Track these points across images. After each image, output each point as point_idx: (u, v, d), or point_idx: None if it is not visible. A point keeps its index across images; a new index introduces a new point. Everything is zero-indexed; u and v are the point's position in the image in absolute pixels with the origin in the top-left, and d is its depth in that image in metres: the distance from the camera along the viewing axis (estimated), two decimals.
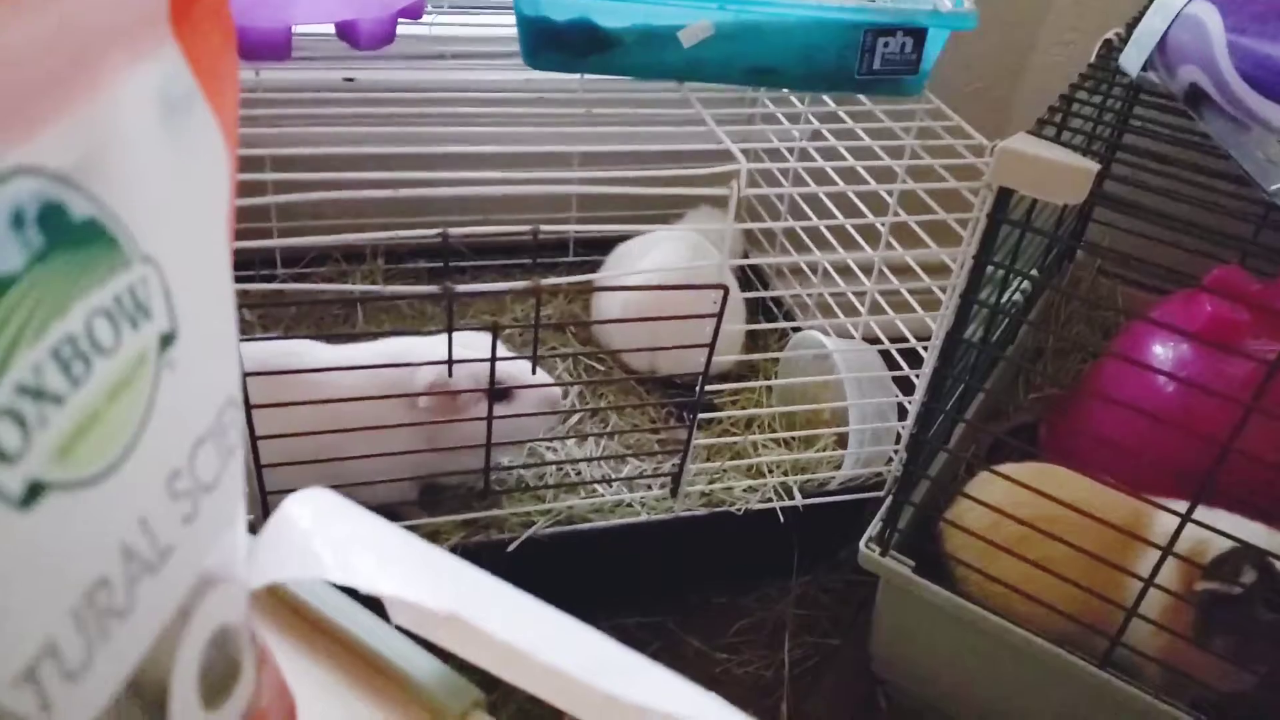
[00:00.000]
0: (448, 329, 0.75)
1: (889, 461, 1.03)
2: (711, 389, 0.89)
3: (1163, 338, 0.98)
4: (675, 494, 0.97)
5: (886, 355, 1.03)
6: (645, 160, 0.81)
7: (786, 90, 1.09)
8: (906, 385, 1.01)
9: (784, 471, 1.02)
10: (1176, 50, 0.78)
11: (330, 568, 0.26)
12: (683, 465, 0.94)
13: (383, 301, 1.21)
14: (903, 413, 1.01)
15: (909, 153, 0.91)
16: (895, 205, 0.93)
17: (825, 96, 1.03)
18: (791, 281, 1.28)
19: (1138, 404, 0.79)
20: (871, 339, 1.05)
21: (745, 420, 1.11)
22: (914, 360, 0.99)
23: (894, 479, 1.01)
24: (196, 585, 0.23)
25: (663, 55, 0.85)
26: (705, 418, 1.06)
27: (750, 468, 1.03)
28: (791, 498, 1.00)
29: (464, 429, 0.84)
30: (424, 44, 1.10)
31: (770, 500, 0.99)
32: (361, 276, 1.22)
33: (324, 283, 1.20)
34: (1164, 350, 0.97)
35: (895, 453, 1.02)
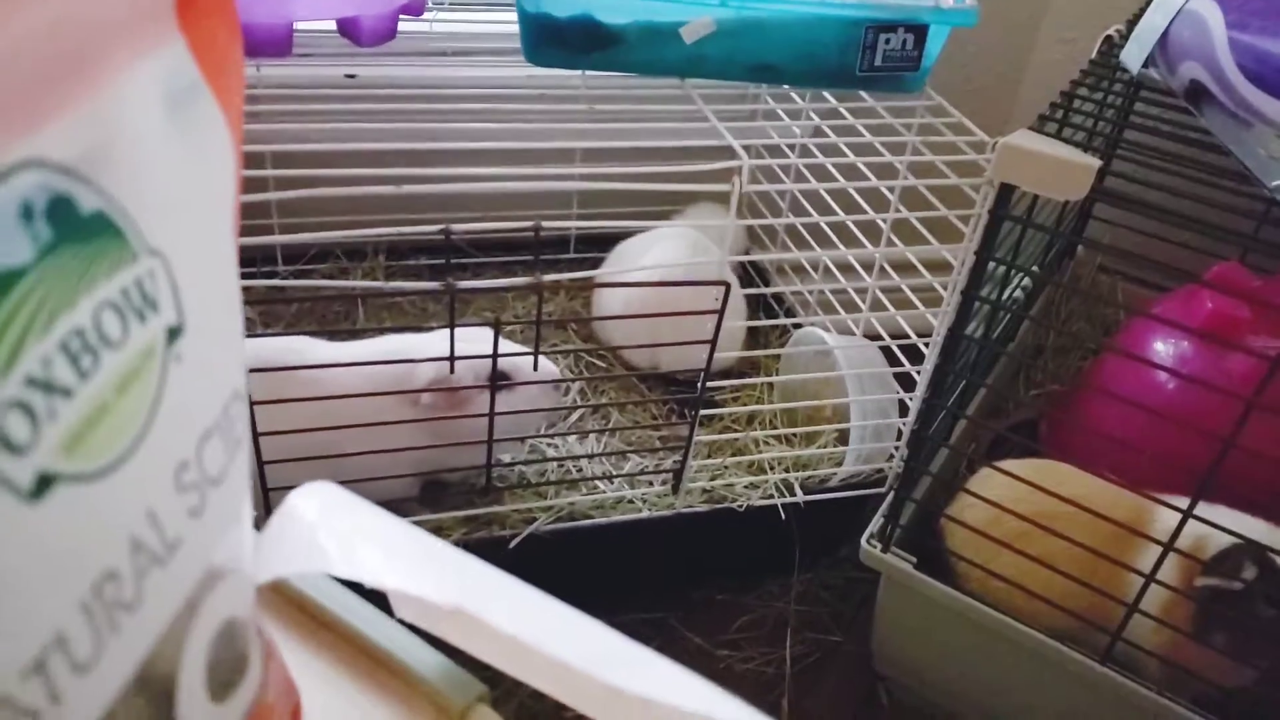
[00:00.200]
0: (449, 325, 0.75)
1: (890, 458, 1.03)
2: (713, 385, 0.89)
3: (1163, 334, 0.98)
4: (677, 490, 0.97)
5: (887, 352, 1.03)
6: (647, 157, 0.81)
7: (788, 87, 1.09)
8: (908, 382, 1.01)
9: (785, 468, 1.02)
10: (1177, 46, 0.78)
11: (336, 561, 0.27)
12: (684, 462, 0.94)
13: (384, 299, 1.21)
14: (904, 409, 1.01)
15: (910, 149, 0.91)
16: (896, 202, 0.93)
17: (826, 93, 1.03)
18: (793, 278, 1.28)
19: (1138, 400, 0.79)
20: (873, 335, 1.05)
21: (747, 417, 1.11)
22: (915, 357, 0.99)
23: (895, 475, 1.01)
24: (204, 579, 0.23)
25: (664, 51, 0.85)
26: (706, 414, 1.06)
27: (752, 464, 1.03)
28: (793, 494, 1.00)
29: (465, 425, 0.84)
30: (426, 41, 1.10)
31: (771, 497, 0.99)
32: (363, 274, 1.22)
33: (325, 280, 1.20)
34: (1164, 346, 0.97)
35: (896, 449, 1.02)
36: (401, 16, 0.96)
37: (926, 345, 0.96)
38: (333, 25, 0.98)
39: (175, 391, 0.22)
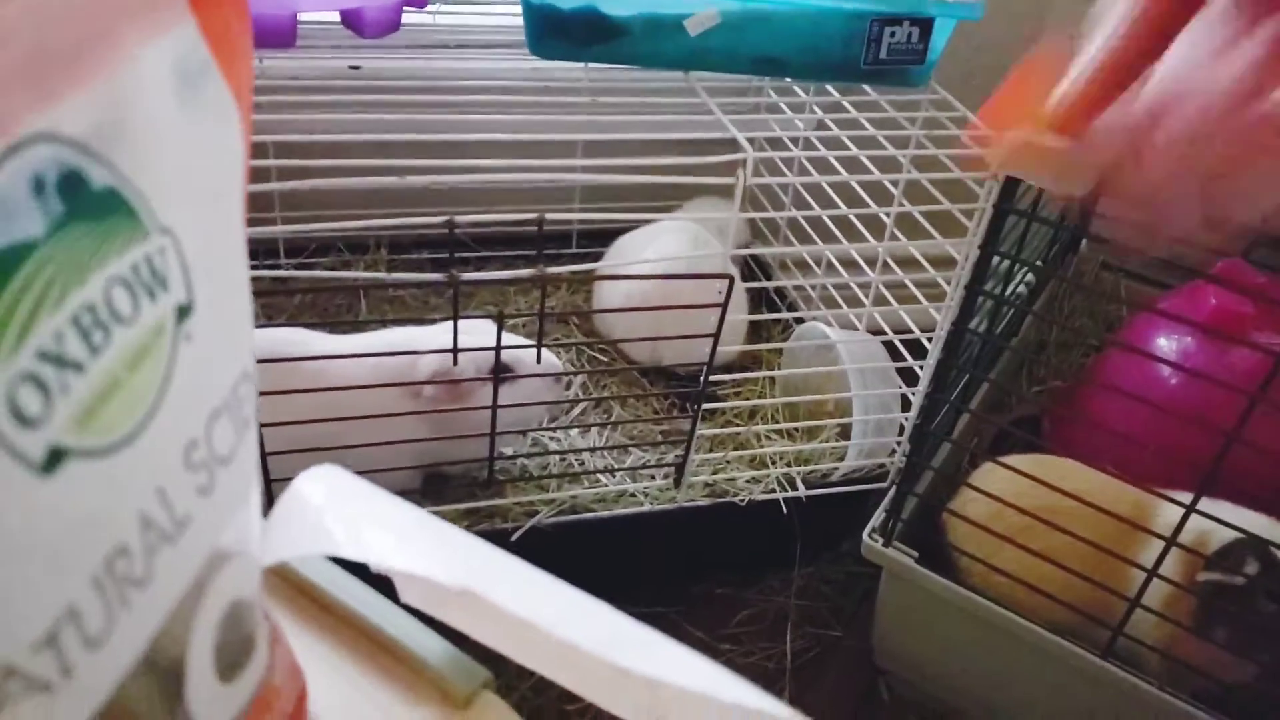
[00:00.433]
0: (453, 317, 0.75)
1: (892, 453, 1.03)
2: (715, 379, 0.89)
3: (1167, 329, 0.98)
4: (679, 484, 0.97)
5: (890, 347, 1.03)
6: (650, 150, 0.81)
7: (792, 81, 1.09)
8: (910, 376, 1.01)
9: (787, 462, 1.02)
10: None
11: (342, 544, 0.27)
12: (686, 455, 0.94)
13: (387, 292, 1.21)
14: (906, 404, 1.01)
15: (914, 143, 0.91)
16: (900, 196, 0.93)
17: (830, 87, 1.03)
18: (795, 273, 1.28)
19: (1141, 395, 0.79)
20: (875, 330, 1.05)
21: (749, 411, 1.11)
22: (917, 351, 0.99)
23: (897, 470, 1.01)
24: (212, 558, 0.24)
25: (668, 44, 0.85)
26: (709, 408, 1.06)
27: (753, 458, 1.03)
28: (795, 489, 1.00)
29: (468, 417, 0.84)
30: (429, 33, 1.09)
31: (773, 491, 0.99)
32: (365, 267, 1.22)
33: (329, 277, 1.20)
34: (1168, 342, 0.97)
35: (898, 444, 1.02)
36: (405, 8, 0.96)
37: (929, 340, 0.96)
38: (336, 17, 0.98)
39: (185, 370, 0.22)
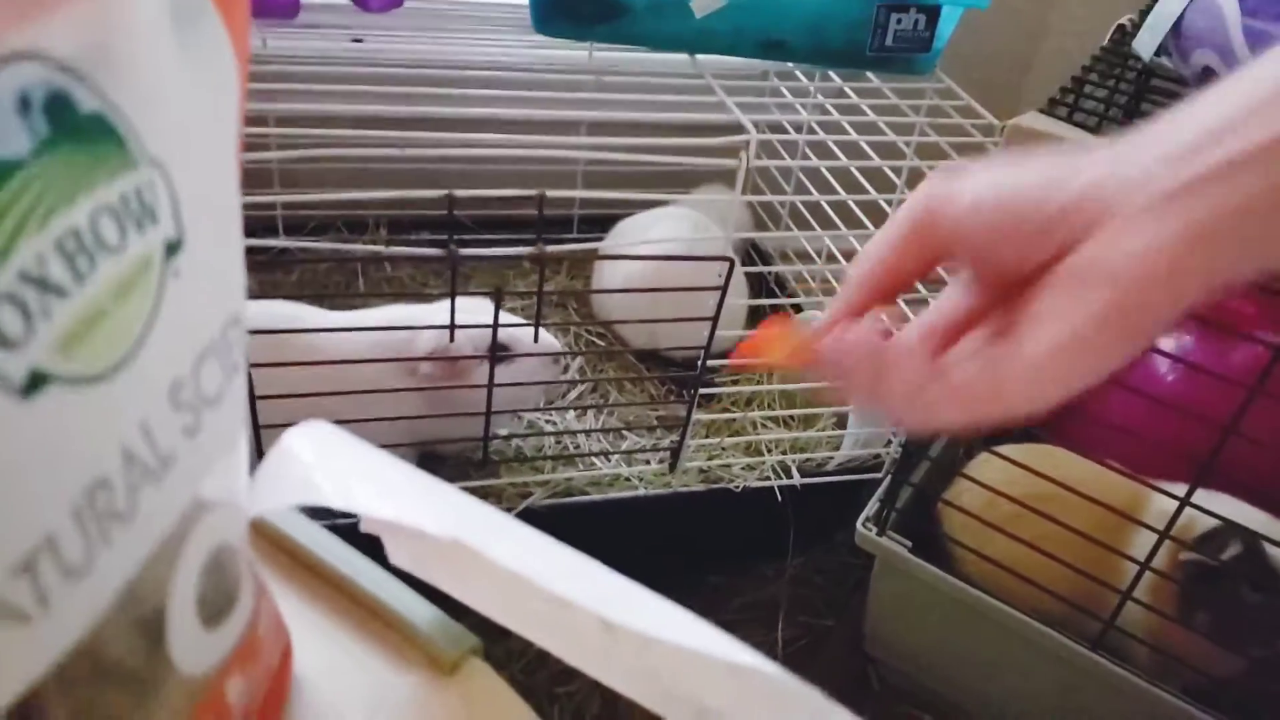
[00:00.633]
0: (451, 293, 0.74)
1: (888, 443, 1.02)
2: (713, 363, 0.89)
3: None
4: (674, 469, 0.97)
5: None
6: (653, 133, 0.81)
7: (796, 68, 1.09)
8: None
9: (783, 450, 1.02)
10: (1191, 34, 0.78)
11: (330, 495, 0.26)
12: (682, 440, 0.94)
13: (385, 273, 1.21)
14: None
15: (918, 131, 0.90)
16: (903, 185, 0.93)
17: (835, 75, 1.02)
18: (795, 262, 1.27)
19: (1139, 387, 0.79)
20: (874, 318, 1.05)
21: (745, 398, 1.11)
22: None
23: (892, 460, 1.00)
24: (197, 501, 0.23)
25: (674, 25, 0.84)
26: (705, 394, 1.05)
27: (749, 446, 1.03)
28: (790, 476, 1.00)
29: (463, 395, 0.84)
30: (432, 13, 1.09)
31: (768, 478, 0.99)
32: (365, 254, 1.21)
33: (328, 257, 1.19)
34: (1167, 335, 0.97)
35: (894, 434, 1.02)
36: None
37: None
38: None
39: (173, 306, 0.21)
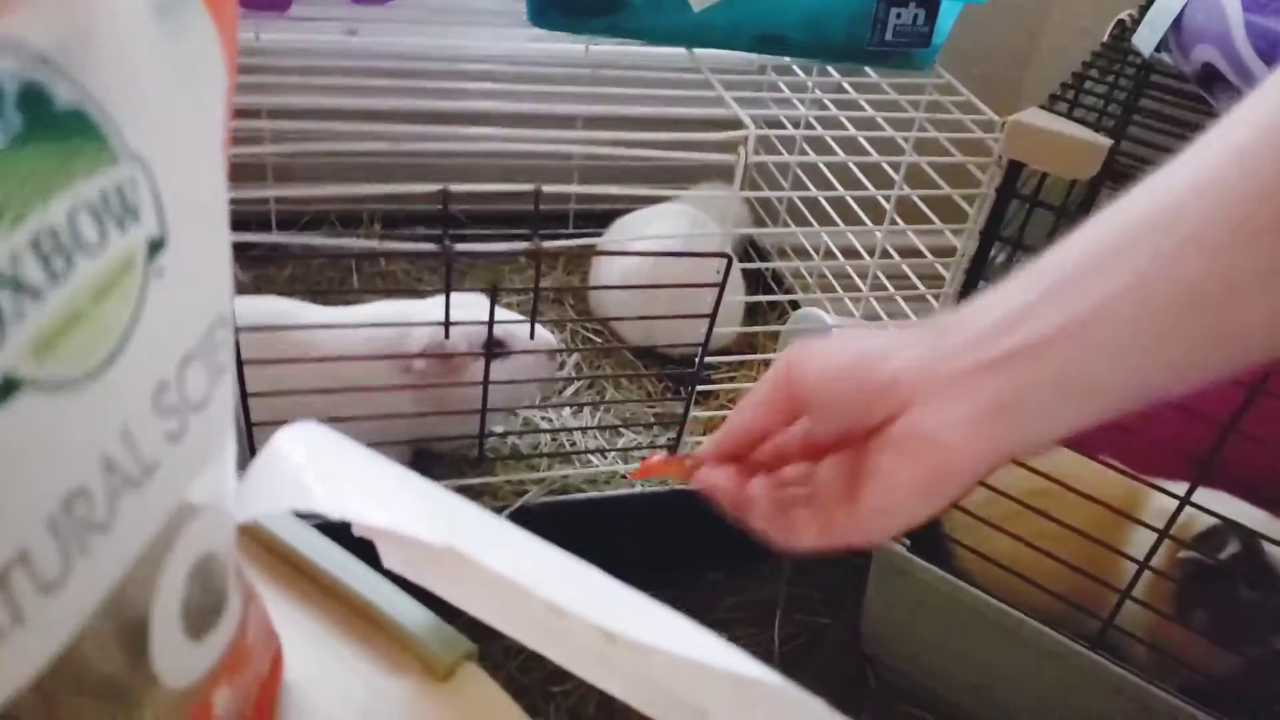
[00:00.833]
0: (445, 289, 0.73)
1: None
2: (710, 360, 0.88)
3: None
4: None
5: None
6: (650, 127, 0.80)
7: (794, 64, 1.08)
8: None
9: None
10: (1192, 30, 0.77)
11: (322, 500, 0.25)
12: (679, 438, 0.93)
13: (379, 267, 1.20)
14: None
15: (916, 126, 0.89)
16: (901, 181, 0.92)
17: (834, 70, 1.02)
18: (793, 259, 1.27)
19: None
20: (873, 317, 1.04)
21: (742, 396, 1.10)
22: None
23: None
24: (182, 508, 0.22)
25: (671, 18, 0.83)
26: (702, 390, 1.05)
27: None
28: None
29: (458, 392, 0.83)
30: (427, 7, 1.07)
31: None
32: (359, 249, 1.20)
33: (321, 253, 1.18)
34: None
35: None
36: None
37: None
38: None
39: (156, 308, 0.21)
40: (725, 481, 0.43)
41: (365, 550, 0.39)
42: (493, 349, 0.78)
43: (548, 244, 0.75)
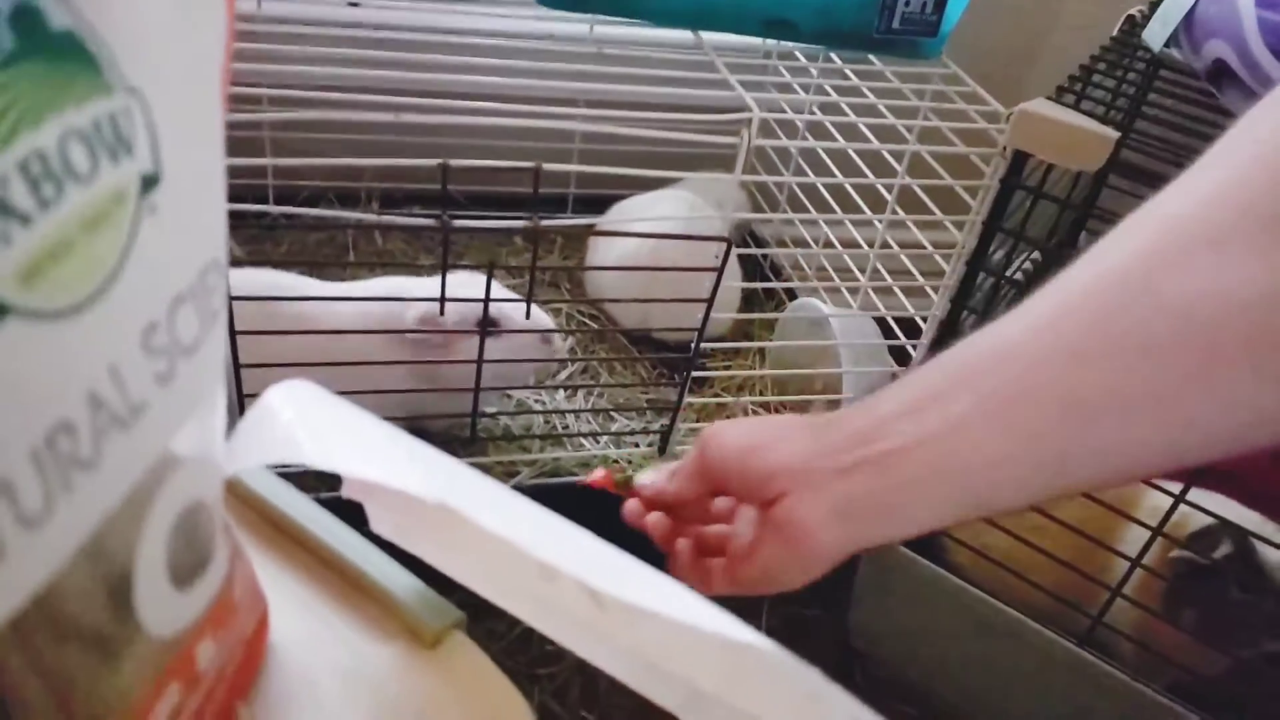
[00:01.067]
0: (442, 265, 0.73)
1: None
2: (706, 345, 0.88)
3: None
4: (663, 452, 0.96)
5: (885, 326, 1.02)
6: (653, 110, 0.79)
7: (799, 52, 1.07)
8: (903, 357, 0.99)
9: None
10: (1203, 25, 0.76)
11: (312, 454, 0.25)
12: (673, 423, 0.93)
13: (376, 245, 1.19)
14: None
15: (921, 115, 0.89)
16: (904, 171, 0.92)
17: (838, 59, 1.01)
18: (792, 249, 1.26)
19: None
20: (869, 308, 1.04)
21: (737, 384, 1.10)
22: (912, 332, 0.98)
23: None
24: (169, 454, 0.22)
25: (678, 0, 0.82)
26: (698, 377, 1.04)
27: None
28: None
29: (452, 370, 0.83)
30: None
31: None
32: (355, 223, 1.19)
33: (317, 227, 1.17)
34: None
35: None
36: None
37: (924, 320, 0.95)
38: None
39: (148, 245, 0.20)
40: (656, 529, 0.49)
41: (355, 520, 0.38)
42: (487, 327, 0.77)
43: (546, 222, 0.74)
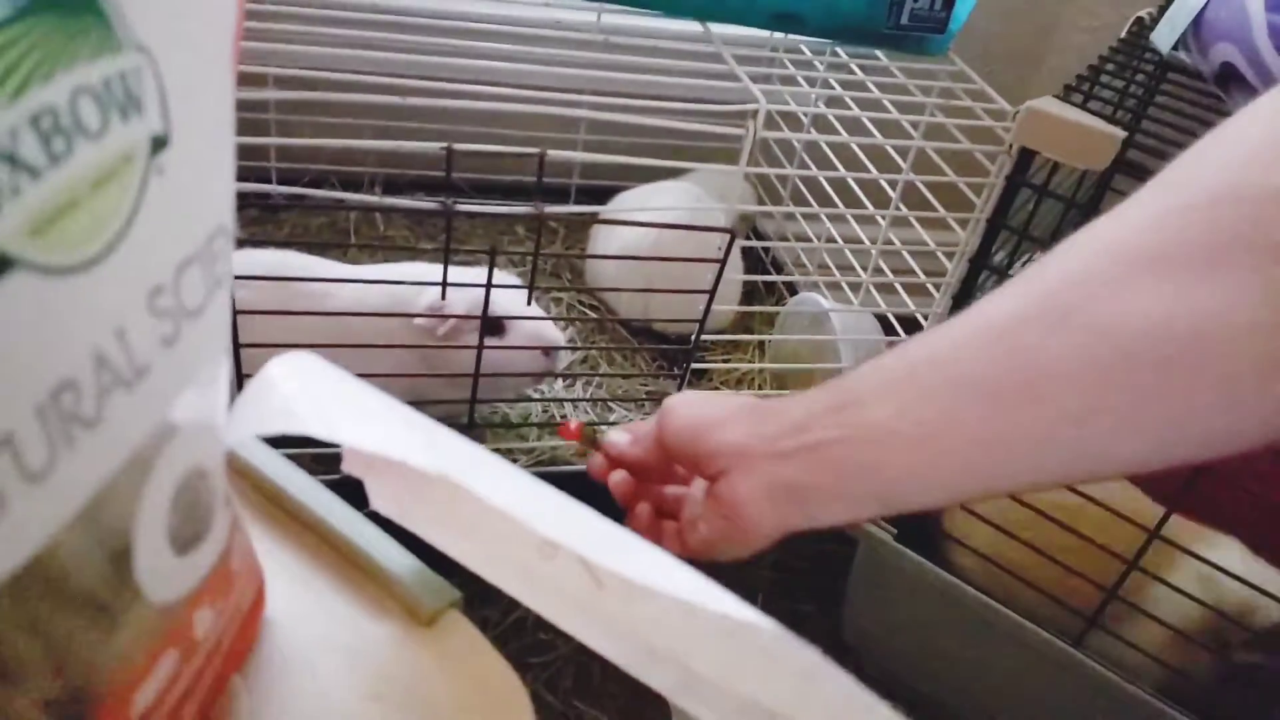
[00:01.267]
0: (445, 249, 0.72)
1: None
2: (707, 337, 0.87)
3: None
4: None
5: (886, 323, 1.02)
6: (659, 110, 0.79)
7: (806, 49, 1.07)
8: None
9: None
10: (1212, 28, 0.76)
11: (313, 423, 0.25)
12: None
13: (378, 230, 1.19)
14: None
15: (927, 112, 0.89)
16: (908, 168, 0.91)
17: (844, 54, 1.01)
18: (793, 243, 1.26)
19: None
20: (870, 304, 1.04)
21: (736, 377, 1.10)
22: (913, 330, 0.98)
23: None
24: (172, 417, 0.22)
25: None
26: (696, 369, 1.04)
27: None
28: None
29: (453, 357, 0.82)
30: None
31: None
32: (360, 206, 1.19)
33: (319, 211, 1.17)
34: None
35: None
36: None
37: (925, 319, 0.95)
38: None
39: (155, 206, 0.20)
40: (618, 488, 0.52)
41: (355, 503, 0.38)
42: (489, 319, 0.77)
43: (550, 209, 0.74)
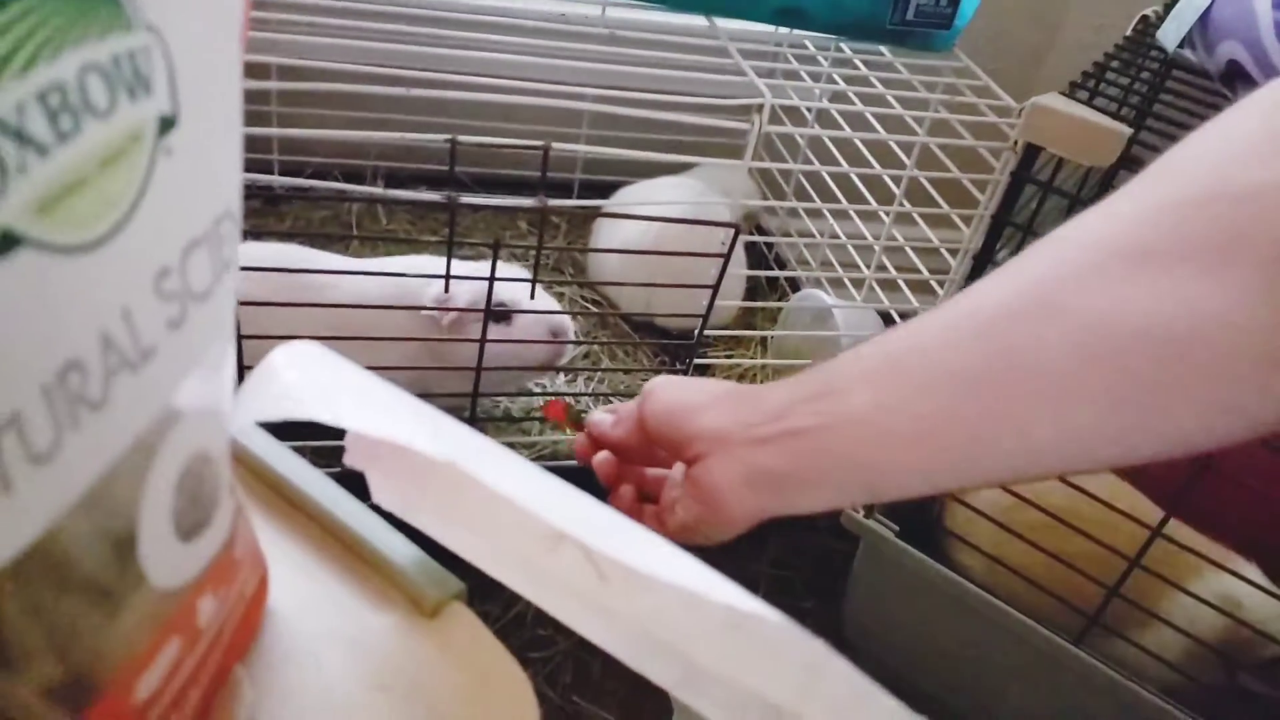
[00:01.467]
0: (448, 241, 0.72)
1: None
2: (709, 333, 0.87)
3: None
4: None
5: (888, 321, 1.02)
6: (664, 102, 0.79)
7: (811, 45, 1.07)
8: None
9: None
10: (1219, 25, 0.76)
11: (316, 410, 0.25)
12: None
13: (380, 224, 1.18)
14: None
15: (931, 109, 0.88)
16: (912, 165, 0.91)
17: (849, 50, 1.01)
18: (797, 239, 1.26)
19: None
20: (874, 301, 1.04)
21: (739, 373, 1.09)
22: None
23: None
24: (177, 401, 0.22)
25: None
26: (698, 364, 1.04)
27: None
28: None
29: (457, 351, 0.82)
30: None
31: None
32: (363, 198, 1.19)
33: (322, 203, 1.17)
34: None
35: None
36: None
37: None
38: None
39: (163, 187, 0.20)
40: (601, 468, 0.52)
41: (355, 493, 0.38)
42: (493, 310, 0.77)
43: (553, 202, 0.74)
